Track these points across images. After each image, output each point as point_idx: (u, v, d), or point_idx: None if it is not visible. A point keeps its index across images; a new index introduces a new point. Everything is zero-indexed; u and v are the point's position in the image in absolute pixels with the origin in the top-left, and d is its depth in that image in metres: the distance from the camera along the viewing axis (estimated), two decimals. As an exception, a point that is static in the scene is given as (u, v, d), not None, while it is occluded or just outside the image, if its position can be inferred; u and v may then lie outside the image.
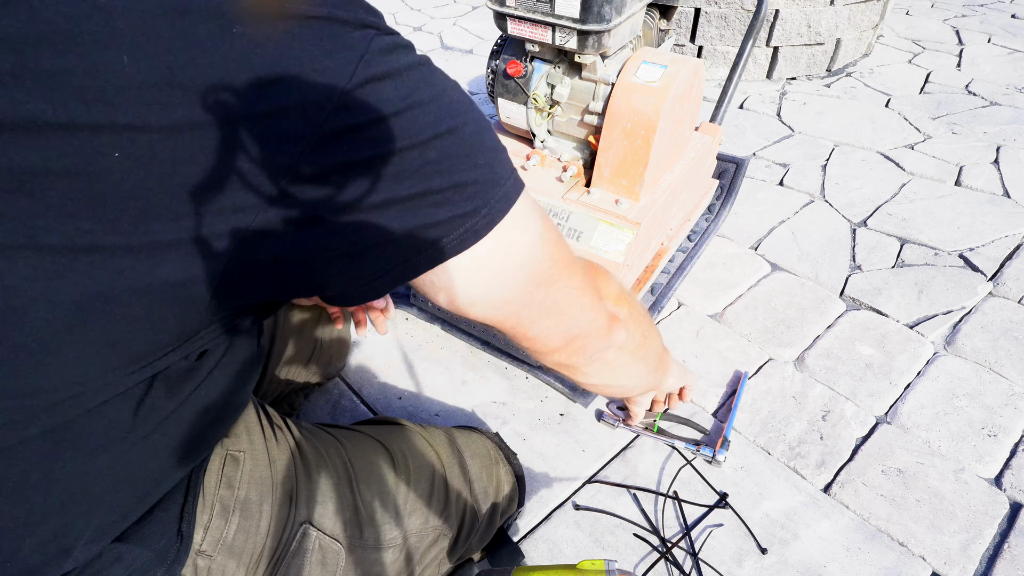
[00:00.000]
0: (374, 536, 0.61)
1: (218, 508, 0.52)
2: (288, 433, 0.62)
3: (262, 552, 0.54)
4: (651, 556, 0.83)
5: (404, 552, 0.64)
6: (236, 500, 0.53)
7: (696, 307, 1.24)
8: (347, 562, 0.59)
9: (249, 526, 0.53)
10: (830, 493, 0.91)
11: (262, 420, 0.61)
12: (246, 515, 0.53)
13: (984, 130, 1.87)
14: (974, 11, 2.88)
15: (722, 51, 2.15)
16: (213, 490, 0.52)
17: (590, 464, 0.95)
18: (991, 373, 1.10)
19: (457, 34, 2.57)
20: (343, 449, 0.65)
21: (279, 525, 0.55)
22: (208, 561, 0.51)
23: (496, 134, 0.43)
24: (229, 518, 0.52)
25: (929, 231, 1.45)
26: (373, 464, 0.65)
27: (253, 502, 0.54)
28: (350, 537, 0.59)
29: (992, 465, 0.95)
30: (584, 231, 1.05)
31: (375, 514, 0.62)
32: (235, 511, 0.53)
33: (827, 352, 1.14)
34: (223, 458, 0.55)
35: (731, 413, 0.99)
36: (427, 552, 0.67)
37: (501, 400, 1.04)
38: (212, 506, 0.52)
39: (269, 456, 0.58)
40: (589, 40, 0.91)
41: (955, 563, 0.83)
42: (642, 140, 1.00)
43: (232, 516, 0.53)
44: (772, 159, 1.74)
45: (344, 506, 0.60)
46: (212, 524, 0.51)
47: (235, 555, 0.52)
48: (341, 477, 0.62)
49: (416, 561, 0.65)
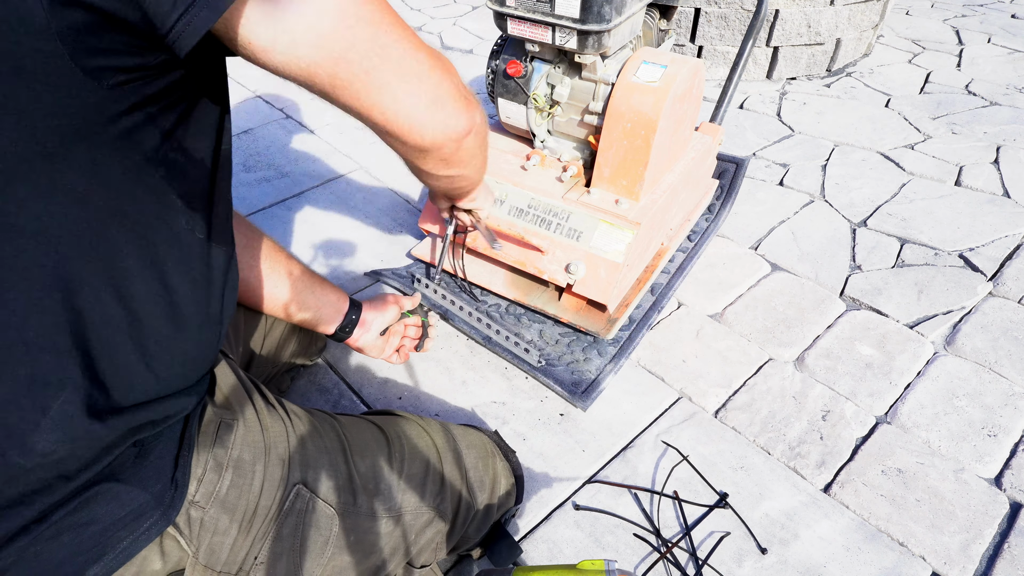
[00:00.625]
0: (368, 504, 0.62)
1: (212, 463, 0.54)
2: (281, 408, 0.64)
3: (255, 510, 0.55)
4: (651, 556, 0.83)
5: (400, 528, 0.65)
6: (229, 458, 0.55)
7: (696, 307, 1.24)
8: (340, 527, 0.60)
9: (242, 483, 0.55)
10: (830, 493, 0.91)
11: (254, 395, 0.62)
12: (239, 472, 0.55)
13: (984, 130, 1.87)
14: (974, 11, 2.88)
15: (722, 51, 2.15)
16: (208, 447, 0.54)
17: (590, 464, 0.95)
18: (991, 373, 1.10)
19: (457, 34, 2.57)
20: (338, 424, 0.67)
21: (272, 485, 0.57)
22: (201, 512, 0.52)
23: None
24: (222, 473, 0.54)
25: (929, 231, 1.45)
26: (367, 441, 0.67)
27: (246, 461, 0.56)
28: (343, 503, 0.61)
29: (992, 465, 0.95)
30: (584, 231, 1.05)
31: (369, 484, 0.63)
32: (228, 468, 0.54)
33: (827, 352, 1.14)
34: (216, 424, 0.56)
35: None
36: (422, 532, 0.67)
37: (501, 400, 1.04)
38: (206, 461, 0.53)
39: (262, 423, 0.59)
40: (589, 40, 0.91)
41: (955, 563, 0.83)
42: (642, 140, 1.00)
43: (225, 472, 0.54)
44: (772, 159, 1.74)
45: (338, 472, 0.61)
46: (206, 477, 0.53)
47: (228, 510, 0.54)
48: (335, 447, 0.63)
49: (412, 541, 0.66)
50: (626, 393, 1.06)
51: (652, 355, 1.13)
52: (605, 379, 1.05)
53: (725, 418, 1.02)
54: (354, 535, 0.61)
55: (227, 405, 0.59)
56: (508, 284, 1.17)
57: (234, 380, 0.61)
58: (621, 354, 1.09)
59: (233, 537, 0.54)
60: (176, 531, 0.51)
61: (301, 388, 1.06)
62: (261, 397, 0.63)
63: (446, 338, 1.15)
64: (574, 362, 1.09)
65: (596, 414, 1.02)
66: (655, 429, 1.00)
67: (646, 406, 1.04)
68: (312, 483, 0.59)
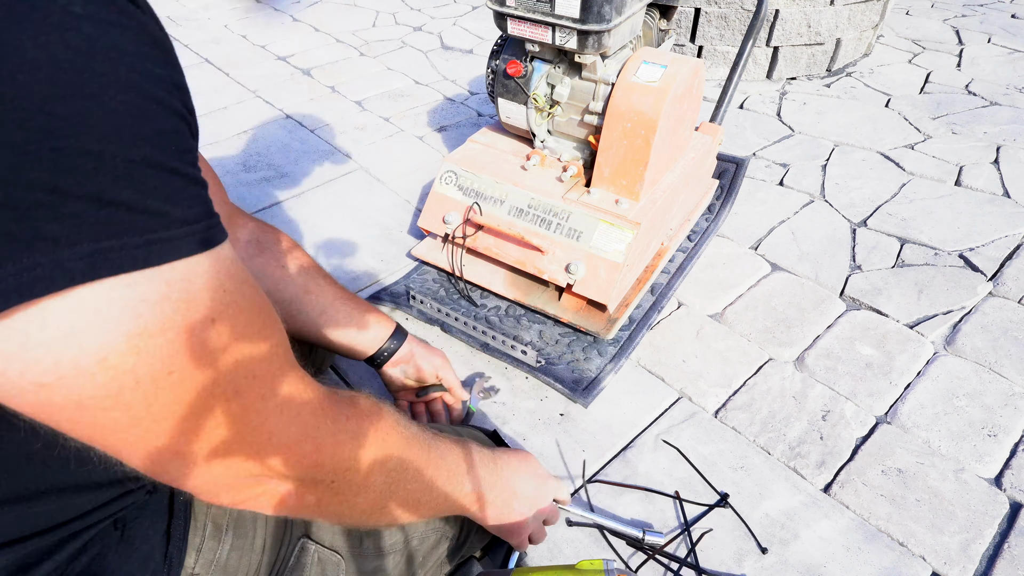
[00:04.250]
0: (375, 544, 0.60)
1: (210, 528, 0.50)
2: None
3: (258, 570, 0.52)
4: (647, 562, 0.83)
5: (407, 556, 0.63)
6: (229, 519, 0.51)
7: (696, 307, 1.24)
8: (348, 572, 0.58)
9: (244, 544, 0.51)
10: (830, 493, 0.91)
11: None
12: (240, 533, 0.51)
13: (984, 130, 1.87)
14: (974, 11, 2.88)
15: (722, 51, 2.15)
16: (204, 510, 0.50)
17: (590, 464, 0.95)
18: (991, 373, 1.10)
19: (457, 34, 2.57)
20: None
21: (275, 541, 0.54)
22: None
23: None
24: (222, 538, 0.50)
25: (929, 231, 1.45)
26: None
27: (247, 519, 0.52)
28: (350, 547, 0.58)
29: (992, 465, 0.95)
30: (584, 231, 1.05)
31: None
32: (228, 530, 0.51)
33: (827, 352, 1.14)
34: None
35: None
36: (430, 555, 0.66)
37: (501, 400, 1.04)
38: (204, 527, 0.49)
39: None
40: (589, 40, 0.91)
41: (955, 563, 0.83)
42: (642, 140, 1.00)
43: (225, 536, 0.50)
44: (772, 159, 1.74)
45: None
46: (205, 546, 0.49)
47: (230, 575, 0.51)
48: None
49: (418, 564, 0.65)
50: (626, 393, 1.06)
51: (652, 355, 1.13)
52: (606, 377, 1.05)
53: (725, 418, 1.02)
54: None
55: None
56: (508, 284, 1.17)
57: None
58: (621, 354, 1.09)
59: None
60: None
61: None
62: None
63: (446, 338, 1.15)
64: (574, 361, 1.09)
65: (596, 414, 1.02)
66: (655, 429, 1.00)
67: (646, 406, 1.04)
68: (315, 533, 0.56)
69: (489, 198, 1.13)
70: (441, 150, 1.77)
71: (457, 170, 1.16)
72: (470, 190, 1.14)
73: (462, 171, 1.16)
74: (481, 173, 1.14)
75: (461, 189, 1.15)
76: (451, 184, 1.16)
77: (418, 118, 1.92)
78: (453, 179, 1.16)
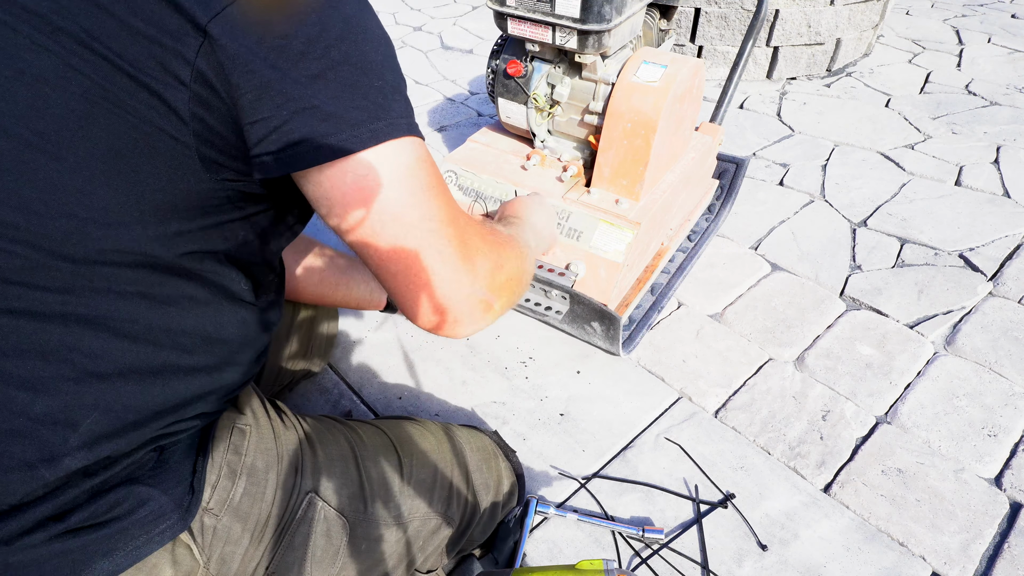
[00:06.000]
0: (377, 513, 0.62)
1: (226, 470, 0.54)
2: (293, 418, 0.64)
3: (268, 519, 0.55)
4: (651, 557, 0.83)
5: (408, 536, 0.65)
6: (243, 465, 0.55)
7: (696, 307, 1.24)
8: (351, 536, 0.60)
9: (255, 491, 0.55)
10: (830, 493, 0.91)
11: (267, 405, 0.62)
12: (252, 480, 0.55)
13: (984, 130, 1.87)
14: (974, 11, 2.88)
15: (722, 51, 2.15)
16: (222, 454, 0.54)
17: (590, 464, 0.95)
18: (991, 373, 1.10)
19: (457, 34, 2.57)
20: (347, 431, 0.67)
21: (285, 493, 0.57)
22: (214, 520, 0.52)
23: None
24: (236, 480, 0.54)
25: (929, 231, 1.45)
26: (377, 448, 0.67)
27: (259, 469, 0.56)
28: (355, 512, 0.60)
29: (992, 465, 0.95)
30: (584, 231, 1.05)
31: (379, 491, 0.63)
32: (242, 475, 0.54)
33: (827, 352, 1.14)
34: (231, 429, 0.56)
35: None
36: (430, 539, 0.67)
37: (501, 400, 1.04)
38: (220, 467, 0.53)
39: (274, 431, 0.59)
40: (589, 40, 0.91)
41: (955, 563, 0.83)
42: (642, 140, 1.00)
43: (239, 479, 0.54)
44: (772, 159, 1.74)
45: (349, 480, 0.61)
46: (220, 484, 0.53)
47: (241, 518, 0.54)
48: (346, 455, 0.63)
49: (417, 548, 0.66)
50: (626, 393, 1.06)
51: (652, 355, 1.13)
52: (640, 333, 1.11)
53: (725, 418, 1.02)
54: (364, 544, 0.61)
55: (240, 411, 0.59)
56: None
57: (248, 387, 0.61)
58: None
59: (244, 547, 0.54)
60: (190, 538, 0.51)
61: (301, 389, 1.06)
62: (275, 407, 0.63)
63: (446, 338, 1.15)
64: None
65: (596, 414, 1.02)
66: (655, 429, 1.00)
67: (646, 406, 1.04)
68: (324, 492, 0.59)
69: (489, 198, 1.13)
70: (441, 150, 1.77)
71: (457, 170, 1.16)
72: (470, 190, 1.14)
73: (462, 171, 1.16)
74: (481, 173, 1.14)
75: (461, 189, 1.15)
76: (451, 184, 1.16)
77: (418, 118, 1.91)
78: (453, 179, 1.17)
